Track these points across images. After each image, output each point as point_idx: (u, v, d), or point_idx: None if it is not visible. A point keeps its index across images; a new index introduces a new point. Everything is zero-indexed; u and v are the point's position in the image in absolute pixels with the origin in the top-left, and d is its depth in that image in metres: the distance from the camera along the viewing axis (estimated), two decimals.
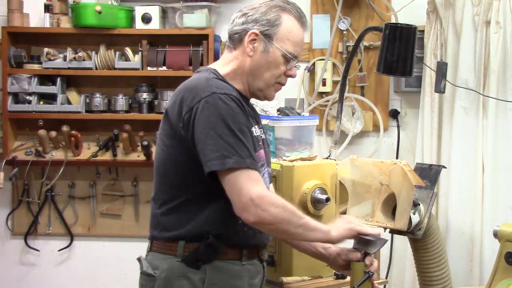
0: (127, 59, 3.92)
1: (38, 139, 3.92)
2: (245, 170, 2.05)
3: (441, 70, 3.37)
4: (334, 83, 3.91)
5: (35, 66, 3.90)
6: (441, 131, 3.63)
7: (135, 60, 3.90)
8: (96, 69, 3.91)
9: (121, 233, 4.11)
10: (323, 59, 3.89)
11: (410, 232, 2.77)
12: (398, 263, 3.89)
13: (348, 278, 2.69)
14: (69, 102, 3.95)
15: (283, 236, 2.25)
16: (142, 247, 2.34)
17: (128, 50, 3.92)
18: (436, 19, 3.62)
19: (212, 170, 2.04)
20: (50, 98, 3.91)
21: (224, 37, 3.93)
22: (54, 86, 3.91)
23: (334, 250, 2.38)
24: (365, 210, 2.80)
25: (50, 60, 3.88)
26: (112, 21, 3.86)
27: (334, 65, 3.93)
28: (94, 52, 3.92)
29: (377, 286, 2.33)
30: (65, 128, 3.88)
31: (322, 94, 3.94)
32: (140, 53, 3.90)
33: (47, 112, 3.89)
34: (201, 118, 2.06)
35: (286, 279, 2.71)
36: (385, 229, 2.77)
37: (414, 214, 2.73)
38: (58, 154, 3.96)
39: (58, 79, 3.91)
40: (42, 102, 3.89)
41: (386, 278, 3.74)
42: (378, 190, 2.75)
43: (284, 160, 2.92)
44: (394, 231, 2.80)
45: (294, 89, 3.92)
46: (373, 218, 2.76)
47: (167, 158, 2.18)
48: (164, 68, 3.89)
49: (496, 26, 3.40)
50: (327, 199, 2.80)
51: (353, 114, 3.89)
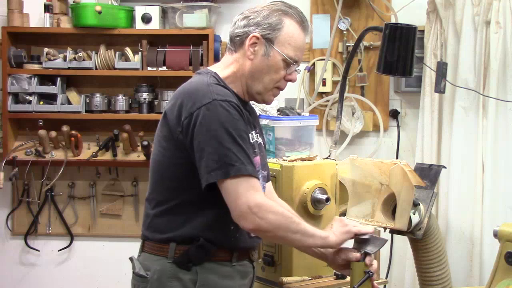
0: (127, 59, 3.92)
1: (38, 139, 3.92)
2: (245, 178, 2.06)
3: (441, 70, 3.37)
4: (334, 83, 3.92)
5: (35, 66, 3.90)
6: (441, 131, 3.63)
7: (135, 60, 3.90)
8: (96, 69, 3.91)
9: (121, 233, 4.12)
10: (323, 59, 3.89)
11: (410, 232, 2.77)
12: (398, 263, 3.89)
13: (348, 278, 2.69)
14: (69, 102, 3.95)
15: (282, 242, 2.28)
16: None
17: (128, 50, 3.92)
18: (436, 19, 3.63)
19: (214, 180, 2.04)
20: (50, 98, 3.91)
21: (224, 37, 3.93)
22: (54, 86, 3.91)
23: (333, 249, 2.38)
24: (365, 210, 2.80)
25: (50, 60, 3.88)
26: (112, 21, 3.86)
27: (334, 65, 3.93)
28: (94, 52, 3.92)
29: (377, 286, 2.34)
30: (65, 128, 3.88)
31: (322, 94, 3.94)
32: (140, 53, 3.91)
33: (47, 112, 3.89)
34: (201, 125, 2.06)
35: (286, 279, 2.71)
36: (385, 229, 2.77)
37: (414, 214, 2.73)
38: (58, 154, 3.96)
39: (58, 79, 3.91)
40: (42, 102, 3.89)
41: (386, 278, 3.74)
42: (378, 190, 2.75)
43: (284, 160, 2.91)
44: (394, 231, 2.80)
45: (294, 89, 3.92)
46: (373, 218, 2.76)
47: (164, 160, 2.18)
48: (164, 68, 3.89)
49: (496, 26, 3.40)
50: (327, 199, 2.80)
51: (353, 114, 3.89)
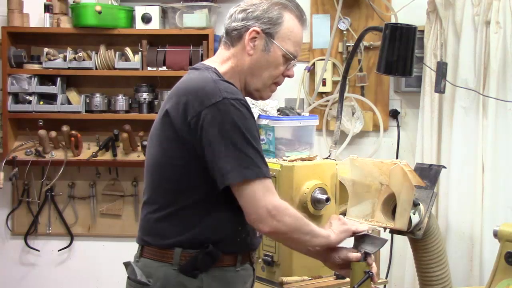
0: (127, 59, 3.92)
1: (38, 139, 3.92)
2: (261, 181, 2.00)
3: (441, 70, 3.37)
4: (334, 83, 3.91)
5: (35, 66, 3.90)
6: (441, 131, 3.63)
7: (135, 60, 3.90)
8: (96, 69, 3.91)
9: (121, 233, 4.11)
10: (323, 59, 3.89)
11: (410, 232, 2.77)
12: (398, 263, 3.89)
13: (348, 278, 2.69)
14: (69, 102, 3.95)
15: (293, 244, 2.18)
16: None
17: (128, 50, 3.92)
18: (436, 19, 3.63)
19: (230, 182, 1.98)
20: (50, 98, 3.91)
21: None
22: (54, 86, 3.91)
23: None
24: (365, 210, 2.80)
25: (50, 60, 3.88)
26: (112, 21, 3.86)
27: (334, 65, 3.93)
28: (94, 52, 3.92)
29: (376, 280, 2.31)
30: (65, 128, 3.88)
31: (322, 94, 3.94)
32: (140, 53, 3.91)
33: (47, 112, 3.89)
34: (212, 125, 1.97)
35: (286, 279, 2.71)
36: (385, 229, 2.77)
37: (414, 214, 2.72)
38: (58, 154, 3.96)
39: (58, 79, 3.91)
40: (42, 102, 3.89)
41: (386, 278, 3.73)
42: (378, 190, 2.75)
43: (284, 160, 2.91)
44: (394, 231, 2.80)
45: (294, 89, 3.92)
46: (373, 218, 2.76)
47: (166, 161, 2.07)
48: (164, 68, 3.89)
49: (496, 26, 3.40)
50: (327, 199, 2.80)
51: (353, 114, 3.89)
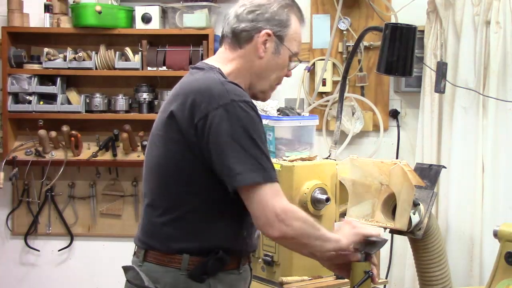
0: (127, 59, 3.92)
1: (38, 139, 3.92)
2: (270, 184, 1.98)
3: (441, 70, 3.37)
4: (334, 83, 3.91)
5: (35, 66, 3.90)
6: (441, 131, 3.63)
7: (135, 60, 3.90)
8: (96, 69, 3.91)
9: (121, 233, 4.11)
10: (323, 59, 3.89)
11: (410, 232, 2.77)
12: (398, 263, 3.88)
13: (345, 279, 2.69)
14: (69, 102, 3.95)
15: (304, 249, 2.09)
16: None
17: (128, 50, 3.92)
18: (436, 19, 3.62)
19: (239, 185, 1.95)
20: (50, 98, 3.91)
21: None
22: (54, 86, 3.91)
23: None
24: (365, 210, 2.80)
25: (50, 60, 3.88)
26: (112, 21, 3.86)
27: (334, 65, 3.93)
28: (94, 52, 3.92)
29: (377, 281, 2.29)
30: (65, 128, 3.88)
31: (322, 94, 3.94)
32: (140, 53, 3.91)
33: (47, 112, 3.89)
34: (221, 128, 1.93)
35: (286, 279, 2.71)
36: (385, 229, 2.77)
37: (414, 214, 2.73)
38: (58, 154, 3.96)
39: (58, 79, 3.91)
40: (42, 102, 3.89)
41: (386, 278, 3.73)
42: (378, 190, 2.76)
43: (284, 160, 2.91)
44: (394, 231, 2.80)
45: (294, 89, 3.92)
46: (373, 218, 2.77)
47: (170, 163, 2.02)
48: (164, 68, 3.89)
49: (496, 26, 3.40)
50: (327, 199, 2.80)
51: (353, 114, 3.89)
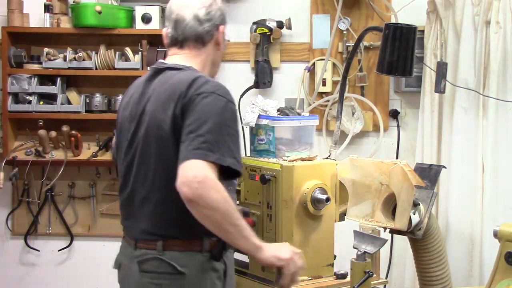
0: (127, 59, 3.92)
1: (38, 139, 3.92)
2: (215, 165, 2.08)
3: (441, 70, 3.37)
4: (334, 83, 3.91)
5: (35, 66, 3.90)
6: (441, 131, 3.63)
7: (135, 60, 3.90)
8: (96, 69, 3.91)
9: (121, 233, 4.08)
10: (323, 59, 3.89)
11: (410, 232, 2.77)
12: (398, 263, 3.89)
13: (348, 278, 2.69)
14: (69, 102, 3.95)
15: (215, 227, 2.13)
16: None
17: (128, 50, 3.92)
18: (436, 19, 3.63)
19: (190, 159, 2.05)
20: (50, 98, 3.91)
21: (226, 36, 3.93)
22: (54, 86, 3.90)
23: None
24: (365, 210, 2.80)
25: (50, 60, 3.88)
26: (112, 21, 3.86)
27: (334, 65, 3.93)
28: (94, 52, 3.91)
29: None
30: (65, 128, 3.88)
31: (322, 94, 3.94)
32: (140, 53, 3.90)
33: (47, 112, 3.89)
34: (198, 108, 2.12)
35: None
36: (385, 229, 2.77)
37: (414, 214, 2.73)
38: (58, 154, 3.96)
39: (58, 79, 3.91)
40: (42, 102, 3.89)
41: (386, 278, 3.73)
42: (378, 190, 2.76)
43: (284, 160, 2.92)
44: (394, 231, 2.81)
45: (294, 89, 3.93)
46: (373, 218, 2.77)
47: (171, 158, 2.15)
48: None
49: (496, 26, 3.40)
50: (327, 199, 2.81)
51: (353, 114, 3.89)
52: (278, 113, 3.14)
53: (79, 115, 3.91)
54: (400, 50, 2.78)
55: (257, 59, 3.89)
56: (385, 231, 2.81)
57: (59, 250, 4.12)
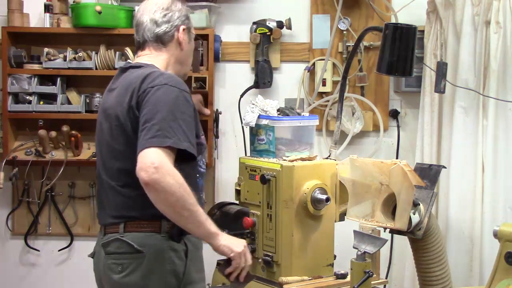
0: (127, 59, 3.91)
1: (38, 139, 3.91)
2: (170, 150, 2.23)
3: (441, 70, 3.37)
4: (334, 83, 3.91)
5: (35, 66, 3.90)
6: (441, 131, 3.63)
7: (135, 60, 3.90)
8: (96, 69, 3.91)
9: None
10: (323, 59, 3.89)
11: (410, 232, 2.77)
12: (398, 263, 3.89)
13: (348, 278, 2.69)
14: (69, 102, 3.95)
15: (168, 210, 2.26)
16: None
17: (128, 50, 3.91)
18: (436, 19, 3.63)
19: (150, 146, 2.20)
20: (50, 98, 3.91)
21: (224, 37, 3.93)
22: (54, 86, 3.90)
23: None
24: (365, 210, 2.80)
25: (50, 60, 3.88)
26: (112, 21, 3.86)
27: (334, 65, 3.93)
28: (94, 52, 3.91)
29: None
30: (65, 128, 3.88)
31: (322, 94, 3.94)
32: None
33: (47, 112, 3.89)
34: (153, 98, 2.30)
35: (286, 279, 2.71)
36: (385, 229, 2.78)
37: (414, 214, 2.73)
38: (58, 154, 3.96)
39: (58, 79, 3.90)
40: (42, 102, 3.89)
41: (386, 278, 3.74)
42: (378, 190, 2.76)
43: (284, 160, 2.92)
44: (394, 231, 2.81)
45: (294, 89, 3.93)
46: (373, 218, 2.77)
47: (133, 146, 2.28)
48: None
49: (496, 26, 3.40)
50: (327, 199, 2.81)
51: (353, 114, 3.89)
52: (278, 113, 3.14)
53: (79, 115, 3.91)
54: (400, 50, 2.78)
55: (257, 59, 3.89)
56: (385, 231, 2.81)
57: (59, 250, 4.12)
